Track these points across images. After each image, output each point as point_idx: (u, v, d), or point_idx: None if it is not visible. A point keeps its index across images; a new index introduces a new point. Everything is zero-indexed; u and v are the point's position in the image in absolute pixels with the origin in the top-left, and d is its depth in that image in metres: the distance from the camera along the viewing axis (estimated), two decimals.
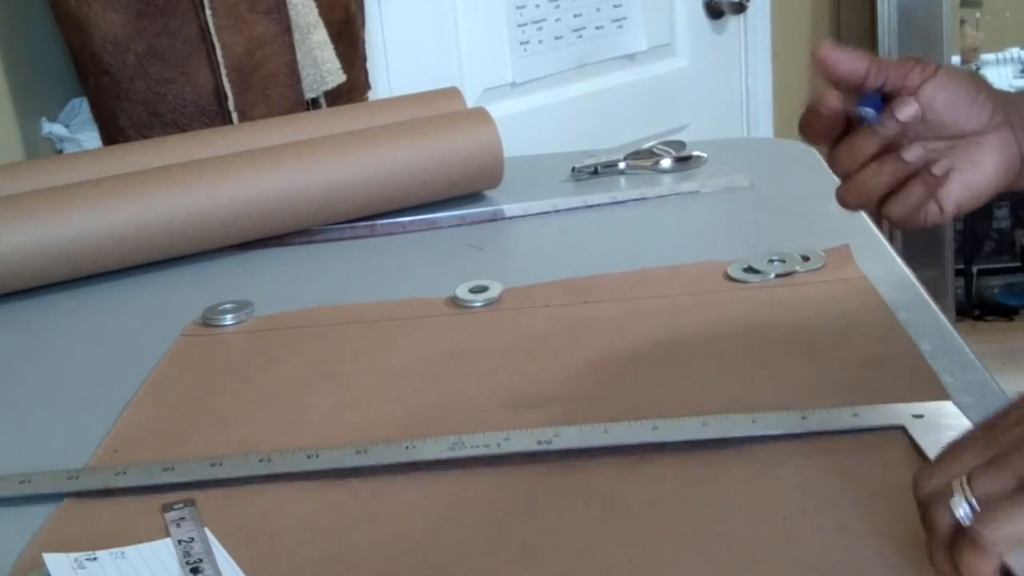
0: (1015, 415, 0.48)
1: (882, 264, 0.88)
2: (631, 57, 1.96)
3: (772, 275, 0.87)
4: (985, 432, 0.49)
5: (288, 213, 1.07)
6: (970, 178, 0.73)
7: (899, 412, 0.65)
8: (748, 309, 0.83)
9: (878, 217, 0.76)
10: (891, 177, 0.72)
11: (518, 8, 1.80)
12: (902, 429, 0.64)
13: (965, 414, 0.65)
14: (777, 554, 0.55)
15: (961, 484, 0.46)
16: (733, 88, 2.16)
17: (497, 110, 1.21)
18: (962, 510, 0.46)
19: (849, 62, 0.71)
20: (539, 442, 0.66)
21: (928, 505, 0.48)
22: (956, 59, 2.73)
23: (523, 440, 0.67)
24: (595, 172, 1.19)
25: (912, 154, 0.70)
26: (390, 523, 0.61)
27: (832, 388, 0.70)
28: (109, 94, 1.24)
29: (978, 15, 2.62)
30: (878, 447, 0.63)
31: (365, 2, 1.49)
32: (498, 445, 0.66)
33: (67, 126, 1.33)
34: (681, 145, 1.22)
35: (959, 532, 0.46)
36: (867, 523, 0.56)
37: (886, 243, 0.94)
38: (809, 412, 0.66)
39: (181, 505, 0.63)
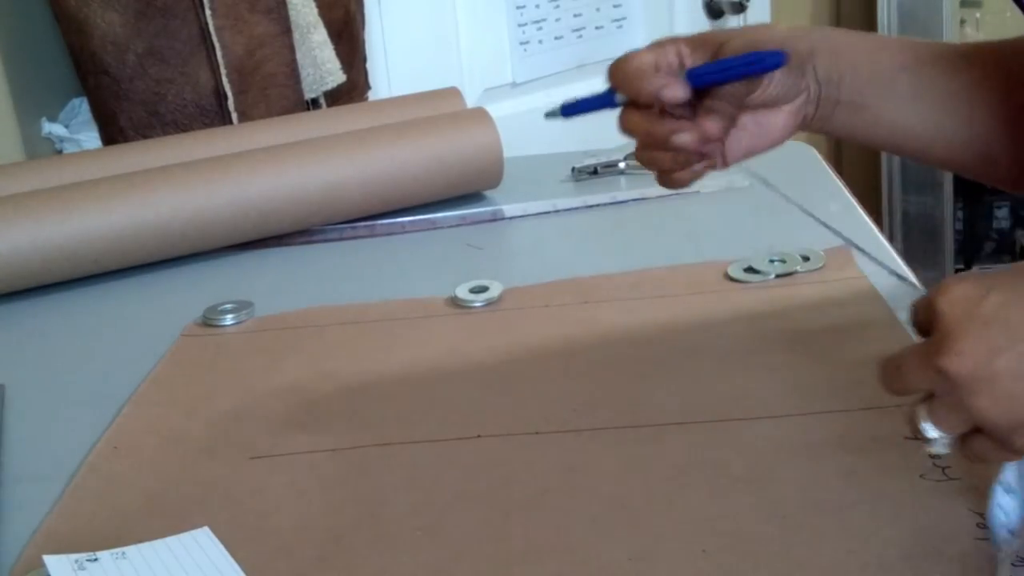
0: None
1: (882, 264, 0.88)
2: None
3: (772, 275, 0.87)
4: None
5: (288, 213, 1.07)
6: (755, 142, 0.71)
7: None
8: (748, 309, 0.83)
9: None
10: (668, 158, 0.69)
11: (518, 8, 1.79)
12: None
13: None
14: (777, 554, 0.55)
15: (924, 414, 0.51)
16: None
17: (497, 110, 1.21)
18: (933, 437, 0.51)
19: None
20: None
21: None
22: None
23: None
24: (595, 172, 1.19)
25: (682, 139, 0.66)
26: (389, 523, 0.61)
27: (832, 388, 0.70)
28: (109, 94, 1.24)
29: (978, 15, 2.61)
30: (881, 448, 0.63)
31: (365, 2, 1.49)
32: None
33: (67, 126, 1.33)
34: None
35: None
36: (868, 526, 0.56)
37: (886, 243, 0.94)
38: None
39: None
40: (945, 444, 0.51)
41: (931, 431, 0.51)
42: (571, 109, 0.73)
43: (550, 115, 0.75)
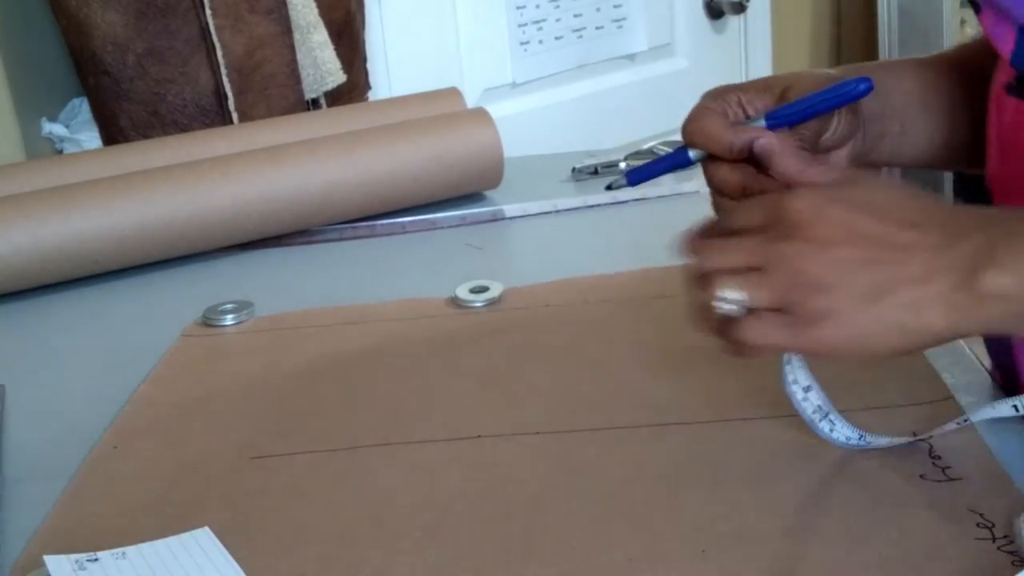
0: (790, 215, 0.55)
1: None
2: (631, 57, 1.96)
3: None
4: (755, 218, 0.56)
5: (288, 213, 1.07)
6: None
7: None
8: None
9: None
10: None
11: (518, 8, 1.79)
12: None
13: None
14: (777, 554, 0.55)
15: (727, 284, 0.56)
16: None
17: (497, 110, 1.21)
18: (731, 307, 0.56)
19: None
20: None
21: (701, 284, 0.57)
22: None
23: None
24: (595, 172, 1.19)
25: None
26: (389, 523, 0.61)
27: (832, 388, 0.70)
28: (109, 94, 1.24)
29: None
30: (881, 448, 0.63)
31: (365, 2, 1.49)
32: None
33: (67, 126, 1.33)
34: None
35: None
36: (868, 526, 0.56)
37: None
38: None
39: None
40: (739, 306, 0.55)
41: (733, 293, 0.55)
42: (640, 175, 0.71)
43: (613, 187, 0.74)
